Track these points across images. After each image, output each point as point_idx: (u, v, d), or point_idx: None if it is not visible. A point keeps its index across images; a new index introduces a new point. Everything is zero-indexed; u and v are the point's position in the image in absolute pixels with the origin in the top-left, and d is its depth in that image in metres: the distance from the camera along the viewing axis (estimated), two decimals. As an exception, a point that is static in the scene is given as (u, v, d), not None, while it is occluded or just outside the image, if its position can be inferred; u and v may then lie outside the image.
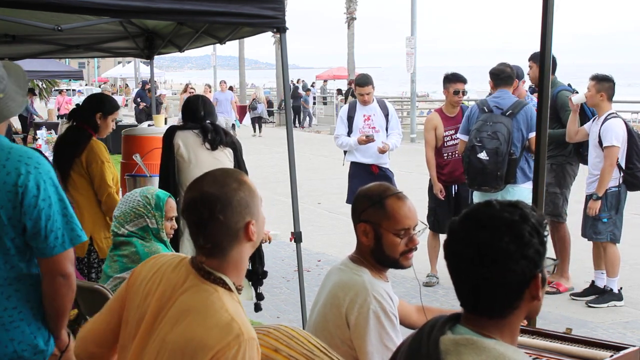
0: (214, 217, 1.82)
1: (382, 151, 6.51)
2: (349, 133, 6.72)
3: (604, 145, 5.43)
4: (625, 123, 5.54)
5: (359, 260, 2.47)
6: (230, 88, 21.52)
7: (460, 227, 1.57)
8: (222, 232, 1.84)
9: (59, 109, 23.66)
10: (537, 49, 3.63)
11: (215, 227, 1.84)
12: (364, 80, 6.66)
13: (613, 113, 5.56)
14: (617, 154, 5.41)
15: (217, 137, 4.64)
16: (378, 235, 2.40)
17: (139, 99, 21.38)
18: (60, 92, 26.58)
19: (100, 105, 4.60)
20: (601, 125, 5.47)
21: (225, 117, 18.03)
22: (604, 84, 5.52)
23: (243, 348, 1.70)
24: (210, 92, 20.04)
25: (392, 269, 2.51)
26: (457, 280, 1.59)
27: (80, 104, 4.91)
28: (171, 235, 3.36)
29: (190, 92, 18.66)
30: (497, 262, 1.50)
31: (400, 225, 2.39)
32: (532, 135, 5.22)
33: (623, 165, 5.48)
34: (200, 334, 1.74)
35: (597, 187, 5.48)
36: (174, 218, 3.34)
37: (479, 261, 1.51)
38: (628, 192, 5.65)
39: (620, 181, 5.51)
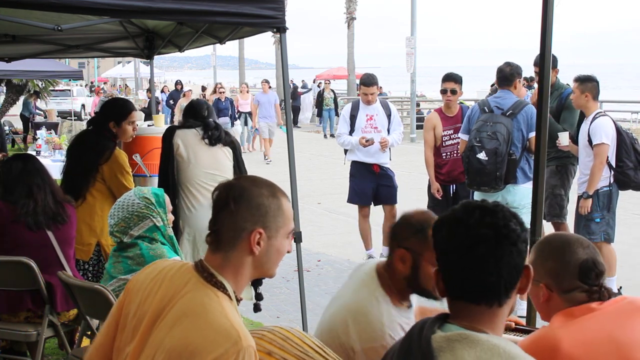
0: (227, 203, 1.84)
1: (382, 145, 6.53)
2: (351, 132, 6.73)
3: (593, 143, 5.44)
4: (614, 122, 5.56)
5: (386, 281, 2.35)
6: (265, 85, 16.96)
7: (468, 215, 1.61)
8: (227, 224, 1.84)
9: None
10: (538, 48, 3.63)
11: (224, 214, 1.84)
12: (369, 81, 6.67)
13: (601, 112, 5.58)
14: (607, 152, 5.43)
15: (216, 133, 4.67)
16: (416, 265, 2.30)
17: (171, 101, 20.01)
18: (97, 92, 25.67)
19: (111, 112, 4.54)
20: (590, 124, 5.49)
21: (267, 123, 15.70)
22: (587, 84, 5.53)
23: (241, 356, 1.68)
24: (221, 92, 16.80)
25: None
26: (465, 266, 1.60)
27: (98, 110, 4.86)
28: (171, 225, 3.37)
29: (221, 92, 16.56)
30: (511, 241, 1.58)
31: None
32: (533, 135, 5.22)
33: (613, 164, 5.50)
34: (198, 339, 1.71)
35: (588, 185, 5.49)
36: (170, 211, 3.37)
37: (495, 241, 1.57)
38: (624, 192, 5.67)
39: (612, 180, 5.52)
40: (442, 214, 1.68)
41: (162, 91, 24.21)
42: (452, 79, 6.26)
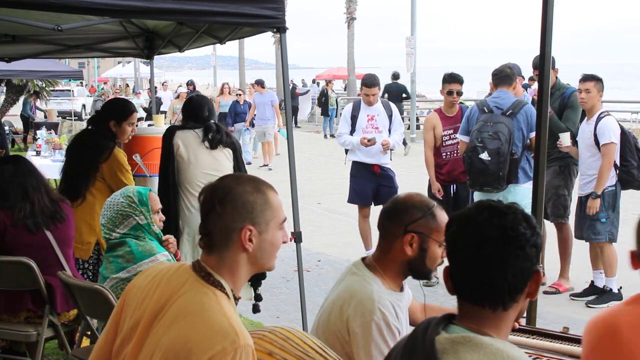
0: (213, 206, 1.85)
1: (384, 147, 6.53)
2: (352, 132, 6.73)
3: (601, 143, 5.44)
4: (617, 121, 5.57)
5: (374, 267, 2.42)
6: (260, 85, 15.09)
7: (478, 214, 1.60)
8: (217, 226, 1.85)
9: None
10: (538, 48, 3.64)
11: (212, 217, 1.86)
12: (371, 81, 6.66)
13: (605, 111, 5.59)
14: (615, 151, 5.43)
15: (217, 137, 4.66)
16: (424, 247, 2.35)
17: None
18: (136, 92, 25.39)
19: (112, 112, 4.57)
20: (595, 124, 5.48)
21: (261, 126, 14.40)
22: (600, 83, 5.58)
23: (239, 354, 1.68)
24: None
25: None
26: (470, 265, 1.59)
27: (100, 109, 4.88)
28: (161, 227, 3.40)
29: (238, 95, 15.55)
30: (518, 245, 1.56)
31: (444, 236, 2.36)
32: (533, 134, 5.22)
33: (618, 163, 5.50)
34: (196, 337, 1.71)
35: (596, 185, 5.48)
36: (160, 211, 3.38)
37: (501, 243, 1.55)
38: (626, 192, 5.67)
39: (616, 179, 5.53)
40: (455, 213, 1.68)
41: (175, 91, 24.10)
42: (457, 80, 6.26)
